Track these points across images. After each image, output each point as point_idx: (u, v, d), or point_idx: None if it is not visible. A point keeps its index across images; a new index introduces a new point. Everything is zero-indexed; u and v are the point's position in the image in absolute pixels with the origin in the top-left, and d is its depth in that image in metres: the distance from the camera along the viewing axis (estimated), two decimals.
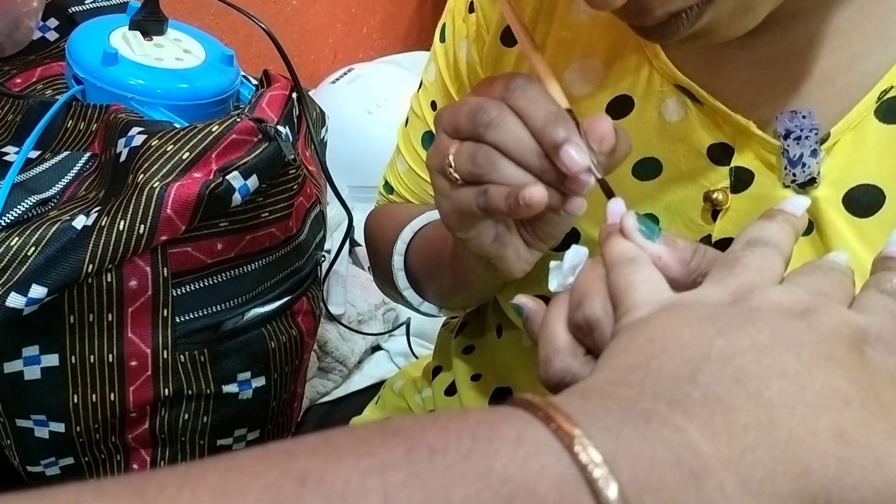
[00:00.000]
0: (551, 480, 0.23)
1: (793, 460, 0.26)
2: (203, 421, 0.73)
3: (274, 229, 0.71)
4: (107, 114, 0.70)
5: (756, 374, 0.27)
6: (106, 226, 0.60)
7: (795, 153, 0.48)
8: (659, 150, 0.53)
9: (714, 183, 0.51)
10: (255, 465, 0.22)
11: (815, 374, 0.28)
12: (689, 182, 0.52)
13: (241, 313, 0.72)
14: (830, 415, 0.27)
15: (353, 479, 0.22)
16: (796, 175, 0.48)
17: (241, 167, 0.64)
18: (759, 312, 0.30)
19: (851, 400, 0.28)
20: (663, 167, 0.53)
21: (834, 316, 0.30)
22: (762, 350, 0.28)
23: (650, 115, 0.53)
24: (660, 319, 0.31)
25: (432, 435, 0.24)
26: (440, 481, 0.22)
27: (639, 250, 0.36)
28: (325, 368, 0.98)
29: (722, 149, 0.51)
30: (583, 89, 0.55)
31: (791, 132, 0.48)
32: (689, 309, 0.31)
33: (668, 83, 0.52)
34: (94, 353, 0.65)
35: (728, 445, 0.26)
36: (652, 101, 0.53)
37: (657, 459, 0.25)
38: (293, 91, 0.75)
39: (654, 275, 0.35)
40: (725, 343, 0.29)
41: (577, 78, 0.56)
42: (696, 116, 0.51)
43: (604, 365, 0.30)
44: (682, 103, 0.51)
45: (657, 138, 0.53)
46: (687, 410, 0.26)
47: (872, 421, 0.27)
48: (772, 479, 0.26)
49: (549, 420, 0.25)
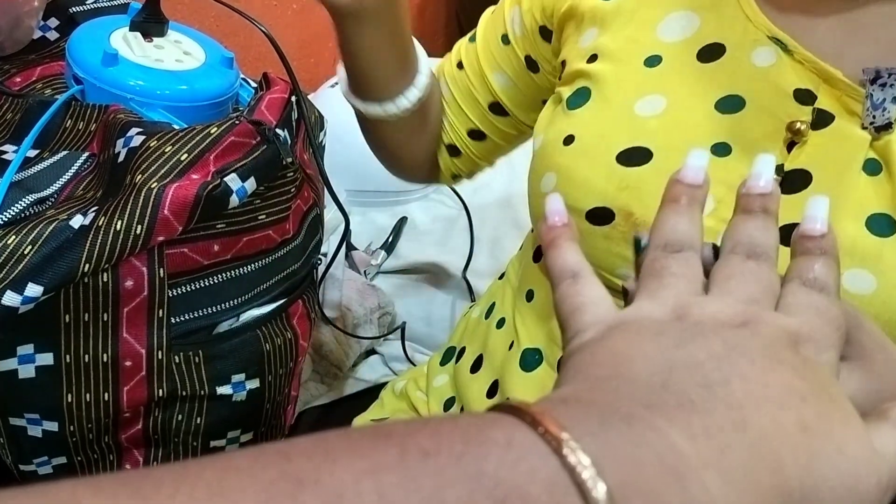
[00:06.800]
0: (542, 483, 0.24)
1: (768, 456, 0.27)
2: (196, 422, 0.73)
3: (271, 231, 0.72)
4: (106, 114, 0.70)
5: (720, 379, 0.29)
6: (103, 226, 0.60)
7: (879, 97, 0.53)
8: (745, 88, 0.58)
9: (797, 117, 0.56)
10: (251, 465, 0.22)
11: (771, 376, 0.29)
12: (770, 117, 0.57)
13: (237, 315, 0.72)
14: (792, 410, 0.28)
15: (349, 481, 0.22)
16: (876, 118, 0.54)
17: (238, 169, 0.64)
18: (703, 326, 0.32)
19: (806, 395, 0.29)
20: (746, 103, 0.58)
21: (769, 323, 0.32)
22: (719, 358, 0.30)
23: (741, 60, 0.59)
24: (616, 336, 0.32)
25: (424, 438, 0.24)
26: (434, 483, 0.23)
27: (581, 264, 0.37)
28: (320, 372, 0.98)
29: (807, 93, 0.56)
30: (676, 36, 0.62)
31: (879, 77, 0.53)
32: (640, 325, 0.32)
33: (762, 33, 0.58)
34: (89, 353, 0.65)
35: (707, 445, 0.27)
36: (744, 49, 0.59)
37: (642, 461, 0.25)
38: (292, 94, 0.75)
39: (598, 291, 0.36)
40: (686, 354, 0.30)
41: (672, 27, 0.62)
42: (785, 63, 0.57)
43: (574, 378, 0.31)
44: (774, 52, 0.57)
45: (745, 79, 0.58)
46: (665, 413, 0.27)
47: (828, 411, 0.29)
48: (752, 475, 0.27)
49: (536, 424, 0.25)
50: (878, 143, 0.54)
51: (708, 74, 0.60)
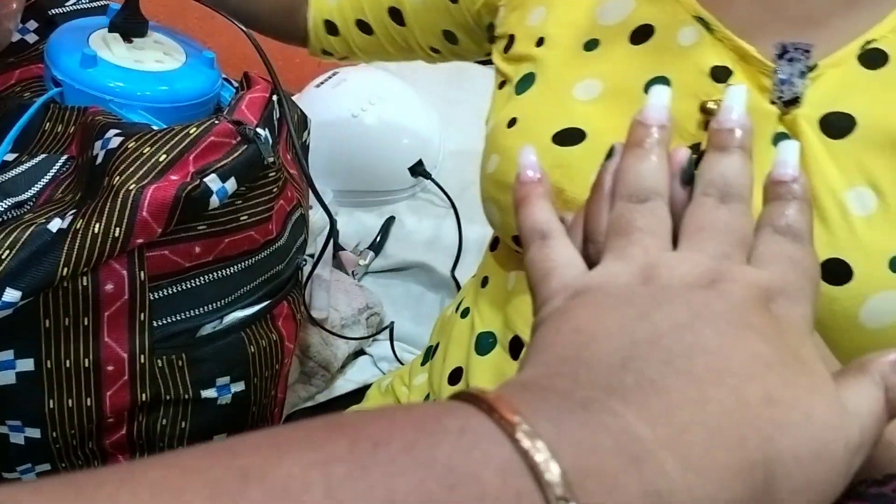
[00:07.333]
0: (494, 468, 0.23)
1: (729, 432, 0.27)
2: (181, 426, 0.72)
3: (253, 232, 0.71)
4: (84, 116, 0.69)
5: (682, 352, 0.28)
6: (81, 229, 0.60)
7: (786, 72, 0.55)
8: (670, 69, 0.60)
9: (710, 96, 0.58)
10: (196, 463, 0.22)
11: (736, 344, 0.29)
12: (690, 97, 0.58)
13: (220, 317, 0.71)
14: (756, 381, 0.28)
15: (296, 473, 0.22)
16: (783, 93, 0.55)
17: (219, 170, 0.64)
18: (671, 290, 0.31)
19: (772, 363, 0.29)
20: (672, 84, 0.59)
21: (739, 280, 0.31)
22: (683, 328, 0.29)
23: (667, 40, 0.61)
24: (581, 308, 0.32)
25: (376, 428, 0.24)
26: (383, 472, 0.22)
27: (551, 222, 0.37)
28: (308, 373, 0.98)
29: (723, 70, 0.58)
30: (613, 19, 0.64)
31: (787, 52, 0.55)
32: (604, 293, 0.32)
33: (688, 13, 0.60)
34: (70, 358, 0.64)
35: (665, 426, 0.26)
36: (671, 29, 0.61)
37: (598, 445, 0.25)
38: (273, 93, 0.75)
39: (567, 252, 0.36)
40: (648, 326, 0.29)
41: (610, 10, 0.64)
42: (706, 42, 0.59)
43: (535, 359, 0.31)
44: (697, 31, 0.59)
45: (670, 60, 0.60)
46: (623, 396, 0.27)
47: (795, 378, 0.29)
48: (711, 454, 0.26)
49: (492, 411, 0.25)
50: (787, 118, 0.55)
51: (639, 57, 0.61)
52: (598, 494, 0.24)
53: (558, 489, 0.23)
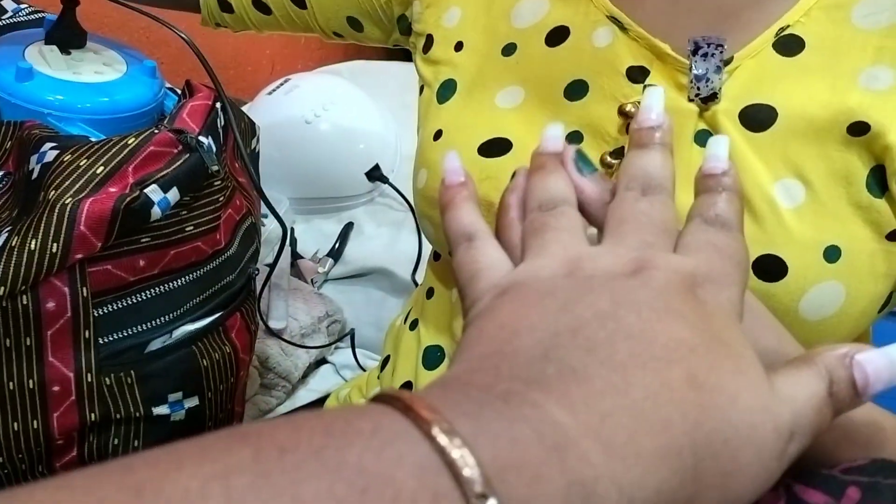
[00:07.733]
0: (409, 467, 0.23)
1: (652, 417, 0.26)
2: (135, 445, 0.70)
3: (200, 243, 0.69)
4: (21, 130, 0.67)
5: (604, 340, 0.28)
6: (17, 246, 0.58)
7: (702, 68, 0.54)
8: (587, 72, 0.58)
9: (628, 98, 0.56)
10: (87, 482, 0.21)
11: (659, 329, 0.28)
12: (609, 100, 0.57)
13: (169, 331, 0.69)
14: (680, 364, 0.27)
15: (193, 487, 0.21)
16: (700, 89, 0.54)
17: (159, 180, 0.62)
18: (593, 280, 0.31)
19: (696, 346, 0.28)
20: (589, 88, 0.58)
21: (663, 267, 0.31)
22: (605, 316, 0.29)
23: (583, 42, 0.59)
24: (504, 304, 0.31)
25: (283, 435, 0.23)
26: (289, 479, 0.21)
27: (476, 224, 0.37)
28: (268, 385, 0.96)
29: (640, 70, 0.57)
30: (527, 22, 0.62)
31: (700, 48, 0.54)
32: (528, 288, 0.32)
33: (601, 14, 0.59)
34: (14, 380, 0.62)
35: (587, 414, 0.26)
36: (586, 30, 0.59)
37: (517, 437, 0.24)
38: (217, 101, 0.73)
39: (493, 254, 0.36)
40: (571, 316, 0.29)
41: (524, 13, 0.63)
42: (621, 42, 0.57)
43: (460, 357, 0.30)
44: (611, 31, 0.58)
45: (587, 62, 0.59)
46: (543, 386, 0.26)
47: (719, 361, 0.28)
48: (635, 440, 0.25)
49: (407, 410, 0.24)
50: (707, 114, 0.54)
51: (556, 60, 0.60)
52: (519, 487, 0.23)
53: (477, 486, 0.22)
